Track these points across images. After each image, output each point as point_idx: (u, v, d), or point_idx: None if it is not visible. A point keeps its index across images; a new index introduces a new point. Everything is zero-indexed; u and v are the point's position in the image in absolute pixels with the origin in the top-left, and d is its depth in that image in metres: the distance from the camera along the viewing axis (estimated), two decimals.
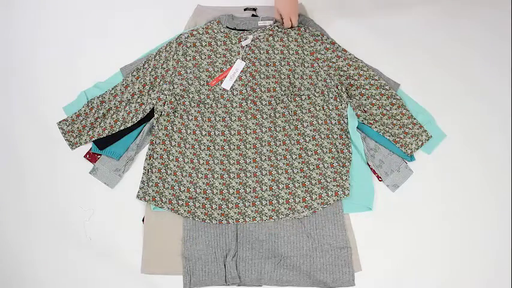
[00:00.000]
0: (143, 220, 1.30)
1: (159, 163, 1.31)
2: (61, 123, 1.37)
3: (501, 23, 1.52)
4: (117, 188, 1.35)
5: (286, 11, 1.35)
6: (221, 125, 1.33)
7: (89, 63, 1.47)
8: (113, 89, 1.37)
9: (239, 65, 1.37)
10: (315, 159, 1.31)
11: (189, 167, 1.31)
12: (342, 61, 1.38)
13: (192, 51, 1.39)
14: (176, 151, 1.32)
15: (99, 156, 1.36)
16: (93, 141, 1.35)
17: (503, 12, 1.53)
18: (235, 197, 1.28)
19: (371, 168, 1.34)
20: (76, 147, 1.36)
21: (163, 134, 1.33)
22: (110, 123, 1.35)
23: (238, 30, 1.43)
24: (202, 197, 1.28)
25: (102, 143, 1.34)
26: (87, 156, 1.36)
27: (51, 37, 1.51)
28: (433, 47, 1.50)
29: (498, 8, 1.54)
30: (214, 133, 1.33)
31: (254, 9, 1.50)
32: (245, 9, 1.50)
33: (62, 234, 1.31)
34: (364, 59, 1.41)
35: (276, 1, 1.35)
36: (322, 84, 1.37)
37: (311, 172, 1.30)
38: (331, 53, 1.38)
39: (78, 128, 1.36)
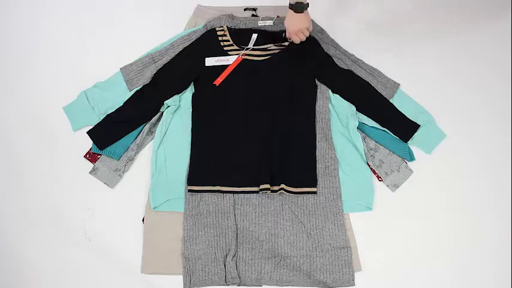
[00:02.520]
0: (143, 220, 1.31)
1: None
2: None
3: (501, 22, 1.52)
4: (117, 188, 1.35)
5: (293, 29, 1.28)
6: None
7: (89, 63, 1.47)
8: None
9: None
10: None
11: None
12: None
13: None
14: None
15: (99, 156, 1.36)
16: (93, 139, 1.35)
17: (504, 11, 1.53)
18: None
19: (371, 168, 1.34)
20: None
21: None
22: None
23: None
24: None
25: (103, 142, 1.35)
26: (87, 156, 1.37)
27: (51, 37, 1.51)
28: (434, 46, 1.49)
29: (499, 6, 1.54)
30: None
31: (254, 9, 1.50)
32: (245, 9, 1.50)
33: (62, 234, 1.31)
34: (365, 59, 1.41)
35: (286, 20, 1.30)
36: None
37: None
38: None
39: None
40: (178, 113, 1.38)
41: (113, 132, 1.35)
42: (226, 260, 1.25)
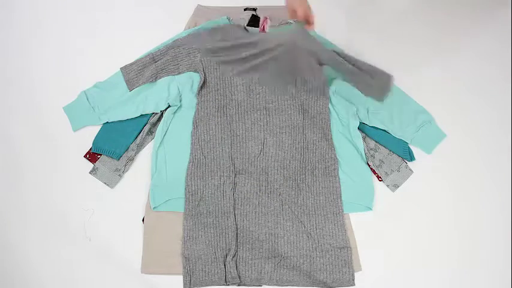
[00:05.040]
0: (143, 220, 1.31)
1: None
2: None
3: (501, 20, 1.52)
4: (117, 188, 1.35)
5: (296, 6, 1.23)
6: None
7: (89, 63, 1.48)
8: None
9: None
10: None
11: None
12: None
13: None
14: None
15: (99, 156, 1.36)
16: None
17: (505, 10, 1.53)
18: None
19: (371, 168, 1.34)
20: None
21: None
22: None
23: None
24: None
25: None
26: (87, 156, 1.37)
27: (50, 37, 1.51)
28: (434, 46, 1.49)
29: (499, 5, 1.54)
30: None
31: (254, 9, 1.50)
32: (245, 9, 1.50)
33: (62, 234, 1.31)
34: (363, 59, 1.41)
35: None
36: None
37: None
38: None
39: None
40: (178, 113, 1.38)
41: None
42: (226, 260, 1.25)
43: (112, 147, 1.35)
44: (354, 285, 1.24)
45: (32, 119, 1.42)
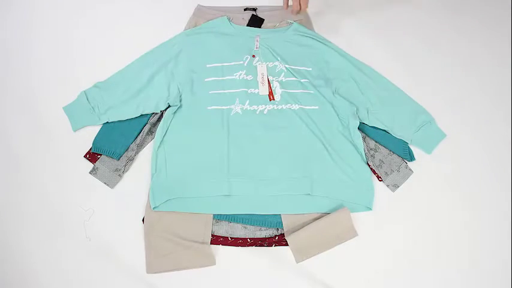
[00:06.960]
0: (143, 220, 1.31)
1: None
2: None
3: (501, 20, 1.52)
4: (117, 188, 1.35)
5: None
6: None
7: (89, 63, 1.48)
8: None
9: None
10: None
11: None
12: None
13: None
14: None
15: (99, 156, 1.36)
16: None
17: (505, 11, 1.53)
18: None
19: (371, 168, 1.34)
20: None
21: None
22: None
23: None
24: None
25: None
26: (87, 156, 1.37)
27: (50, 37, 1.51)
28: (434, 46, 1.49)
29: (500, 6, 1.54)
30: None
31: (254, 9, 1.50)
32: (245, 9, 1.50)
33: (62, 234, 1.31)
34: (363, 59, 1.41)
35: None
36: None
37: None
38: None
39: None
40: (179, 113, 1.37)
41: None
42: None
43: (112, 147, 1.35)
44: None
45: (32, 119, 1.42)
